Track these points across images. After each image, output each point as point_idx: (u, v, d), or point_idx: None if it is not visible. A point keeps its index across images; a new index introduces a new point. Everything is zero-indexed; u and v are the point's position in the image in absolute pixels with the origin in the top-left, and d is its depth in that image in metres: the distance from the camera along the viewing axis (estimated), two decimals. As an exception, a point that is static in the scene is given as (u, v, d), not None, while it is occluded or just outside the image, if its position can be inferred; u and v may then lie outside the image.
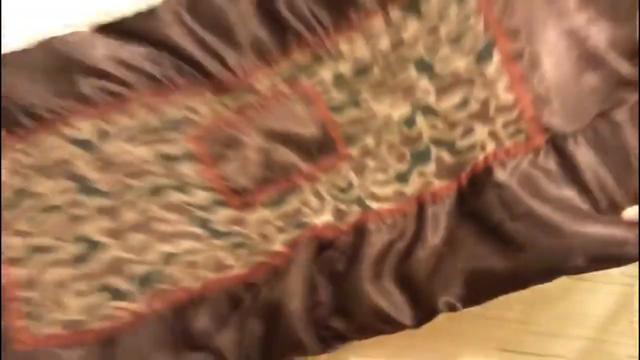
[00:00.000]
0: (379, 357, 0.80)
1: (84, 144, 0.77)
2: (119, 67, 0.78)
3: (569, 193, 0.76)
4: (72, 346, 0.71)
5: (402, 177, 0.81)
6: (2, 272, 0.69)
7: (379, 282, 0.77)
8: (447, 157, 0.80)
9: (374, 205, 0.81)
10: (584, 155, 0.77)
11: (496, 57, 0.78)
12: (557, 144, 0.77)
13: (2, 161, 0.75)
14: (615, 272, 0.78)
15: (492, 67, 0.78)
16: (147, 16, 0.79)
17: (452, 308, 0.75)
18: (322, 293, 0.78)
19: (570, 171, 0.77)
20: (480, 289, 0.74)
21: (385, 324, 0.76)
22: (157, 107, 0.78)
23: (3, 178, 0.74)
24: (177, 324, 0.77)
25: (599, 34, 0.77)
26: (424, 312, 0.75)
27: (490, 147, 0.78)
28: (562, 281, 0.74)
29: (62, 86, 0.77)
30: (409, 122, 0.80)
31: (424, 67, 0.80)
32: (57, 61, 0.78)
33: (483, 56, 0.78)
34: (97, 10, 0.81)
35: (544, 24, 0.77)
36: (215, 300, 0.78)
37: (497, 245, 0.74)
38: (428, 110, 0.80)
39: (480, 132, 0.79)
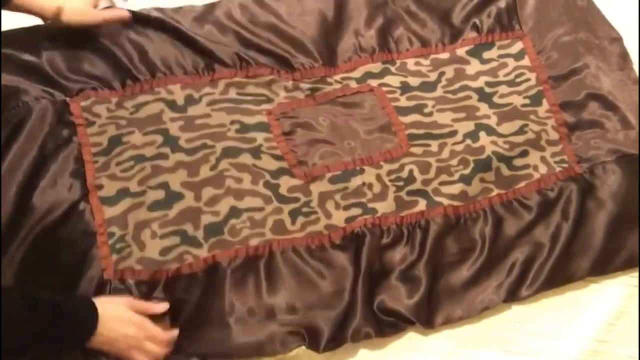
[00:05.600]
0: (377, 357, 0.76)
1: (172, 105, 0.82)
2: (216, 45, 0.86)
3: None
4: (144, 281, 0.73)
5: (466, 179, 0.84)
6: (96, 208, 0.74)
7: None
8: (505, 170, 0.85)
9: (439, 199, 0.83)
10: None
11: (545, 104, 0.90)
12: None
13: (100, 110, 0.80)
14: (615, 272, 0.81)
15: (542, 109, 0.90)
16: None
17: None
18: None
19: None
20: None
21: None
22: (242, 83, 0.85)
23: (98, 125, 0.79)
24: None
25: None
26: None
27: (543, 170, 0.86)
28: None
29: (170, 54, 0.85)
30: (473, 137, 0.87)
31: (484, 96, 0.90)
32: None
33: (535, 100, 0.91)
34: None
35: None
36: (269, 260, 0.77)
37: None
38: (491, 131, 0.88)
39: (534, 156, 0.87)
